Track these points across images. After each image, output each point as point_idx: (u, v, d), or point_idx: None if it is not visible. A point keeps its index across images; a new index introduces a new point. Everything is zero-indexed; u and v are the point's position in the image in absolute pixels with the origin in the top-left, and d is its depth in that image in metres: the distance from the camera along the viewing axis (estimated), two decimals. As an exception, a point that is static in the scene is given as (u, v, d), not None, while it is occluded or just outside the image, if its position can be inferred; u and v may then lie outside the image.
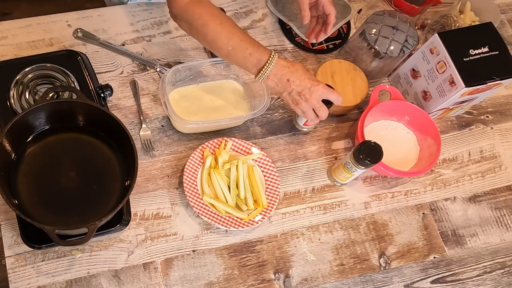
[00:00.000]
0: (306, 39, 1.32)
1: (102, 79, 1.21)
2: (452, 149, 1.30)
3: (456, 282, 1.17)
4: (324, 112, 1.09)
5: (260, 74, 1.05)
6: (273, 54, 1.05)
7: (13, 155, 1.05)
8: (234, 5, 1.35)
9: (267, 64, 1.04)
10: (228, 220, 1.11)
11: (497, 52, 1.17)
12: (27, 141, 1.07)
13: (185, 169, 1.13)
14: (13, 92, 1.11)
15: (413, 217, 1.22)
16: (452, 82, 1.16)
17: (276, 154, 1.22)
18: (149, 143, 1.17)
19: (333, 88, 1.11)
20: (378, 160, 1.09)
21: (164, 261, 1.09)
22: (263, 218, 1.12)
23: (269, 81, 1.07)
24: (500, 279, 1.19)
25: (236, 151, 1.18)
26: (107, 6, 1.33)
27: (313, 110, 1.09)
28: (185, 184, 1.12)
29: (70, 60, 1.17)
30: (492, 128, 1.34)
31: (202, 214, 1.10)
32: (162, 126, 1.20)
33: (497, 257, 1.21)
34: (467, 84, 1.14)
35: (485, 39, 1.18)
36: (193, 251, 1.11)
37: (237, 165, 1.14)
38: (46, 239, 0.99)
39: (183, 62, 1.19)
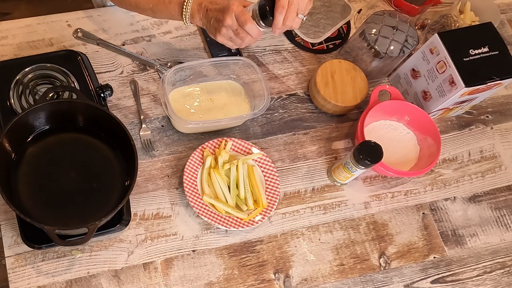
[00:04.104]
0: (307, 39, 1.33)
1: (102, 79, 1.21)
2: (452, 149, 1.30)
3: (456, 282, 1.17)
4: (248, 39, 0.99)
5: (184, 16, 1.04)
6: None
7: (13, 155, 1.05)
8: (234, 5, 1.35)
9: (185, 3, 1.03)
10: (228, 220, 1.11)
11: (497, 52, 1.17)
12: (27, 141, 1.07)
13: (185, 169, 1.13)
14: (13, 92, 1.11)
15: (413, 217, 1.22)
16: (452, 82, 1.16)
17: (276, 154, 1.22)
18: (149, 143, 1.17)
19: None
20: (378, 160, 1.09)
21: (164, 261, 1.09)
22: (263, 218, 1.12)
23: (195, 19, 1.05)
24: (500, 279, 1.19)
25: (236, 151, 1.18)
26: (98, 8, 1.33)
27: (236, 33, 1.00)
28: (185, 184, 1.12)
29: (70, 60, 1.17)
30: (492, 128, 1.34)
31: (202, 214, 1.10)
32: (162, 126, 1.20)
33: (497, 257, 1.21)
34: (467, 84, 1.14)
35: (485, 39, 1.18)
36: (193, 251, 1.11)
37: (237, 165, 1.14)
38: (46, 239, 0.99)
39: (183, 62, 1.19)
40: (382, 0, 1.37)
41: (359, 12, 1.40)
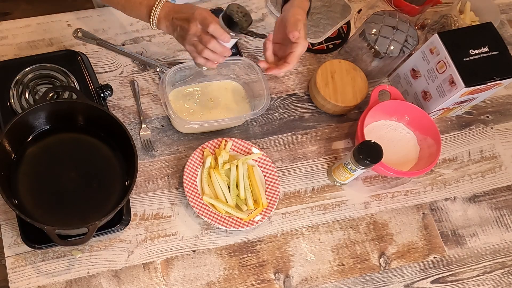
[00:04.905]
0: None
1: (102, 79, 1.21)
2: (452, 149, 1.30)
3: (456, 282, 1.17)
4: (212, 43, 0.99)
5: (151, 20, 1.05)
6: None
7: (13, 155, 1.05)
8: (234, 5, 1.35)
9: (154, 8, 1.05)
10: (228, 220, 1.11)
11: (497, 52, 1.17)
12: (27, 141, 1.07)
13: (185, 169, 1.13)
14: (13, 92, 1.11)
15: (413, 217, 1.22)
16: (452, 82, 1.16)
17: (276, 154, 1.22)
18: (149, 143, 1.17)
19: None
20: (378, 160, 1.09)
21: (164, 261, 1.09)
22: (263, 218, 1.12)
23: (161, 26, 1.06)
24: (500, 279, 1.19)
25: (236, 151, 1.18)
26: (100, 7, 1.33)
27: (199, 38, 1.00)
28: (185, 184, 1.12)
29: (70, 60, 1.17)
30: (492, 128, 1.34)
31: (202, 214, 1.10)
32: (162, 126, 1.20)
33: (497, 257, 1.21)
34: (467, 84, 1.14)
35: (485, 39, 1.18)
36: (193, 251, 1.11)
37: (237, 165, 1.14)
38: (46, 239, 0.99)
39: (183, 62, 1.19)
40: (382, 0, 1.37)
41: (359, 12, 1.40)
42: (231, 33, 1.00)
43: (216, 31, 0.98)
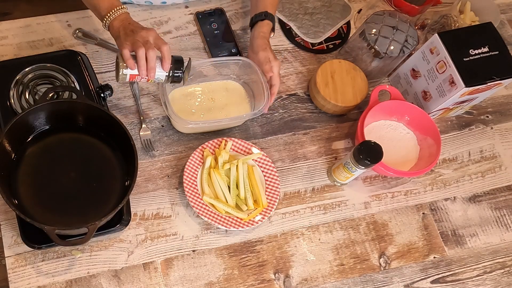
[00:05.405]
0: (307, 39, 1.33)
1: (102, 79, 1.21)
2: (452, 149, 1.30)
3: (456, 282, 1.17)
4: (153, 52, 1.00)
5: (107, 17, 1.06)
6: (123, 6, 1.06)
7: (13, 155, 1.05)
8: (234, 5, 1.35)
9: (113, 10, 1.05)
10: (228, 220, 1.11)
11: (497, 52, 1.17)
12: (27, 141, 1.07)
13: (185, 169, 1.13)
14: (13, 92, 1.11)
15: (413, 217, 1.22)
16: (452, 82, 1.16)
17: (276, 154, 1.22)
18: (149, 143, 1.17)
19: None
20: (378, 160, 1.09)
21: (164, 261, 1.09)
22: (263, 218, 1.12)
23: (113, 28, 1.06)
24: (500, 279, 1.19)
25: (236, 151, 1.18)
26: None
27: (144, 44, 1.01)
28: (185, 184, 1.12)
29: (70, 60, 1.17)
30: (492, 128, 1.34)
31: (202, 214, 1.10)
32: (162, 126, 1.20)
33: (497, 257, 1.21)
34: (467, 84, 1.14)
35: (485, 39, 1.18)
36: (193, 251, 1.11)
37: (237, 165, 1.14)
38: (46, 239, 0.99)
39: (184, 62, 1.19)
40: (382, 0, 1.37)
41: (359, 12, 1.40)
42: (175, 71, 1.05)
43: (168, 51, 1.03)
